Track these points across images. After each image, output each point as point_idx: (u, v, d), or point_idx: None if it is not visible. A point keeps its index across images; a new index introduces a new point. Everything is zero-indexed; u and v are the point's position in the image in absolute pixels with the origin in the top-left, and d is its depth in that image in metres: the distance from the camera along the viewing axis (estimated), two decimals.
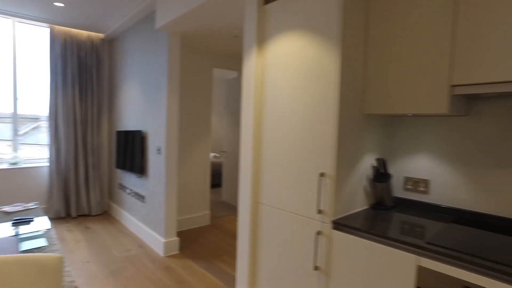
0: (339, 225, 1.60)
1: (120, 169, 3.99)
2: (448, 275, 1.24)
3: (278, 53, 1.90)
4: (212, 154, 7.12)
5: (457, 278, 1.22)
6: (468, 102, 1.69)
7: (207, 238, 3.69)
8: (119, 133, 4.02)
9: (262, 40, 2.01)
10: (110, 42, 4.60)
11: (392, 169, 1.98)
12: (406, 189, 1.91)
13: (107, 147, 4.68)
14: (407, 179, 1.91)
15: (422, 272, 1.31)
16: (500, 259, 1.17)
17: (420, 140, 1.86)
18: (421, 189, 1.85)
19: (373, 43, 1.72)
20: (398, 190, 1.95)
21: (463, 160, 1.71)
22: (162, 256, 3.16)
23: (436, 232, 1.46)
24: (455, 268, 1.22)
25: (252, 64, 2.02)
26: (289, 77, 1.83)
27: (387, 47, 1.66)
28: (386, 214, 1.74)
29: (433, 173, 1.81)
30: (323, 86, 1.65)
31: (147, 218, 3.54)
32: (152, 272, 2.80)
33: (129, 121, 3.95)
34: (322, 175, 1.65)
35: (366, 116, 1.80)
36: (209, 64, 4.13)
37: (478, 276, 1.17)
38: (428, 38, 1.51)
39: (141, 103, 3.64)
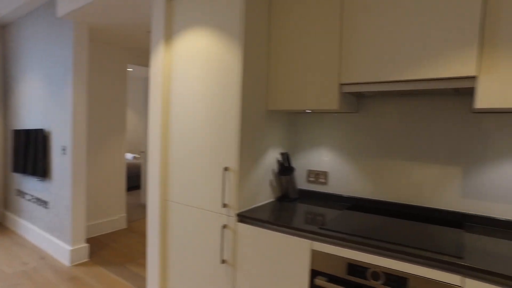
0: (244, 217, 1.65)
1: (19, 173, 3.54)
2: (336, 255, 1.37)
3: (185, 50, 1.88)
4: (131, 155, 6.75)
5: (342, 256, 1.35)
6: (358, 100, 1.89)
7: (122, 242, 3.49)
8: (17, 132, 3.57)
9: (169, 35, 1.97)
10: (2, 28, 4.05)
11: (296, 163, 2.12)
12: (309, 181, 2.06)
13: (2, 149, 4.12)
14: (310, 172, 2.06)
15: (315, 255, 1.42)
16: (379, 237, 1.33)
17: (320, 135, 2.02)
18: (322, 180, 2.01)
19: (274, 42, 1.81)
20: (302, 183, 2.09)
21: (356, 152, 1.90)
22: (68, 266, 2.89)
23: (329, 219, 1.59)
24: (341, 248, 1.36)
25: (159, 60, 1.97)
26: (195, 73, 1.83)
27: (287, 47, 1.77)
28: (289, 205, 1.85)
29: (331, 165, 1.98)
30: (227, 82, 1.68)
31: (51, 226, 3.20)
32: (54, 285, 2.54)
33: (29, 118, 3.54)
34: (226, 169, 1.69)
35: (269, 112, 1.89)
36: (123, 59, 3.91)
37: (359, 253, 1.31)
38: (321, 40, 1.65)
39: (44, 99, 3.29)
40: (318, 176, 2.02)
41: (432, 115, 1.69)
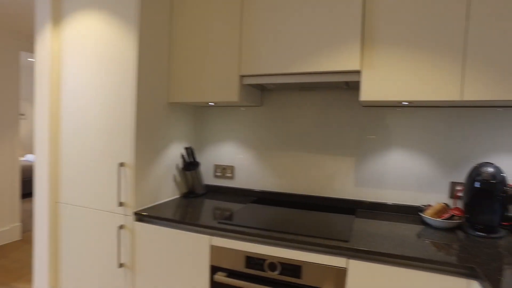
0: (142, 216, 1.53)
1: None
2: (234, 249, 1.34)
3: (75, 35, 1.68)
4: (31, 156, 5.97)
5: (241, 250, 1.33)
6: (262, 93, 1.90)
7: (12, 256, 3.03)
8: None
9: (58, 18, 1.74)
10: None
11: (203, 157, 2.06)
12: (216, 176, 2.02)
13: None
14: (217, 167, 2.01)
15: (215, 251, 1.38)
16: (276, 228, 1.34)
17: (226, 129, 1.99)
18: (228, 175, 1.98)
19: (176, 31, 1.72)
20: (210, 178, 2.04)
21: (261, 146, 1.91)
22: None
23: (231, 213, 1.57)
24: (239, 242, 1.33)
25: (46, 46, 1.73)
26: (87, 62, 1.64)
27: (188, 36, 1.69)
28: (195, 201, 1.78)
29: (238, 160, 1.97)
30: (121, 72, 1.54)
31: None
32: None
33: None
34: (121, 165, 1.55)
35: (172, 104, 1.79)
36: (14, 46, 3.41)
37: (257, 245, 1.30)
38: (222, 31, 1.61)
39: None
40: (225, 170, 1.99)
41: (329, 109, 1.78)
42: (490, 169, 1.35)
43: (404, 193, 1.66)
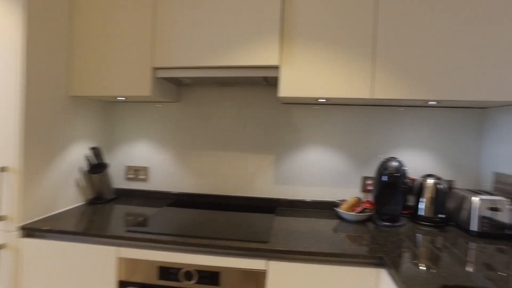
0: (32, 230, 1.28)
1: None
2: (145, 260, 1.20)
3: None
4: None
5: (153, 260, 1.20)
6: (178, 89, 1.78)
7: None
8: None
9: None
10: None
11: (114, 158, 1.85)
12: (128, 179, 1.83)
13: None
14: (129, 168, 1.82)
15: (123, 264, 1.22)
16: (192, 233, 1.24)
17: (140, 126, 1.82)
18: (142, 177, 1.81)
19: (79, 18, 1.50)
20: (121, 181, 1.84)
21: (177, 145, 1.79)
22: None
23: (143, 219, 1.42)
24: (150, 251, 1.20)
25: None
26: None
27: (94, 24, 1.48)
28: (102, 208, 1.58)
29: (152, 160, 1.81)
30: (4, 61, 1.27)
31: None
32: None
33: None
34: (3, 170, 1.28)
35: (73, 98, 1.56)
36: None
37: (170, 253, 1.18)
38: (133, 19, 1.45)
39: None
40: (137, 172, 1.81)
41: (249, 106, 1.74)
42: (395, 163, 1.45)
43: (322, 189, 1.71)
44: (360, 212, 1.46)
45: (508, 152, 1.43)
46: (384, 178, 1.44)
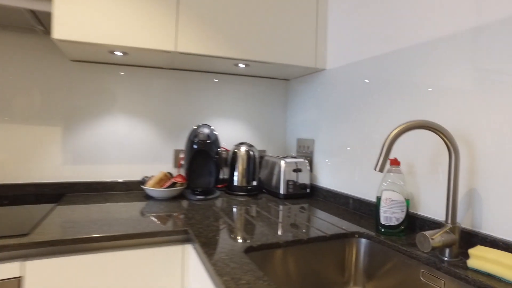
0: None
1: None
2: None
3: None
4: None
5: None
6: None
7: None
8: None
9: None
10: None
11: None
12: None
13: None
14: None
15: None
16: None
17: None
18: None
19: None
20: None
21: None
22: None
23: None
24: None
25: None
26: None
27: None
28: None
29: None
30: None
31: None
32: None
33: None
34: None
35: None
36: None
37: None
38: None
39: None
40: None
41: (20, 62, 1.27)
42: (206, 130, 1.32)
43: (130, 167, 1.42)
44: (170, 187, 1.27)
45: (305, 118, 1.54)
46: (195, 146, 1.29)
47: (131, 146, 1.43)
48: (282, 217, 1.07)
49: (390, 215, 0.89)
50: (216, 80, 1.57)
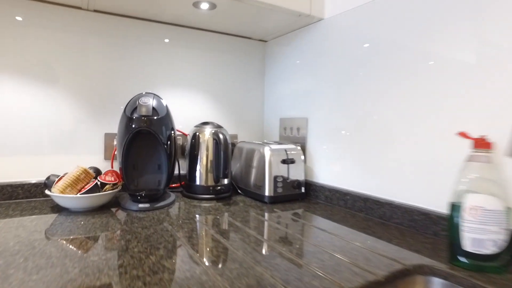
0: None
1: None
2: None
3: None
4: None
5: None
6: None
7: None
8: None
9: None
10: None
11: None
12: None
13: None
14: None
15: None
16: None
17: None
18: None
19: None
20: None
21: None
22: None
23: None
24: None
25: None
26: None
27: None
28: None
29: None
30: None
31: None
32: None
33: None
34: None
35: None
36: None
37: None
38: None
39: None
40: None
41: None
42: (151, 101, 0.85)
43: (32, 160, 0.91)
44: (93, 189, 0.78)
45: (293, 91, 1.13)
46: (134, 125, 0.82)
47: (32, 128, 0.91)
48: (274, 236, 0.65)
49: (481, 235, 0.51)
50: (167, 41, 1.10)
